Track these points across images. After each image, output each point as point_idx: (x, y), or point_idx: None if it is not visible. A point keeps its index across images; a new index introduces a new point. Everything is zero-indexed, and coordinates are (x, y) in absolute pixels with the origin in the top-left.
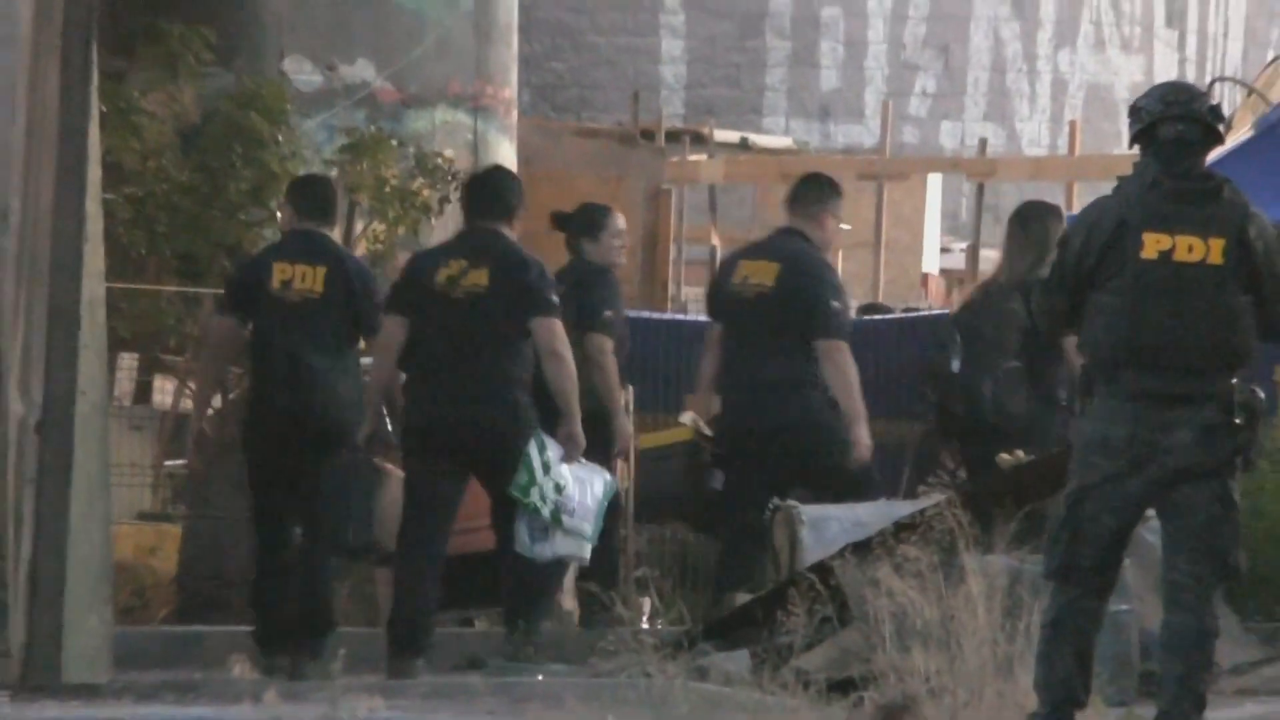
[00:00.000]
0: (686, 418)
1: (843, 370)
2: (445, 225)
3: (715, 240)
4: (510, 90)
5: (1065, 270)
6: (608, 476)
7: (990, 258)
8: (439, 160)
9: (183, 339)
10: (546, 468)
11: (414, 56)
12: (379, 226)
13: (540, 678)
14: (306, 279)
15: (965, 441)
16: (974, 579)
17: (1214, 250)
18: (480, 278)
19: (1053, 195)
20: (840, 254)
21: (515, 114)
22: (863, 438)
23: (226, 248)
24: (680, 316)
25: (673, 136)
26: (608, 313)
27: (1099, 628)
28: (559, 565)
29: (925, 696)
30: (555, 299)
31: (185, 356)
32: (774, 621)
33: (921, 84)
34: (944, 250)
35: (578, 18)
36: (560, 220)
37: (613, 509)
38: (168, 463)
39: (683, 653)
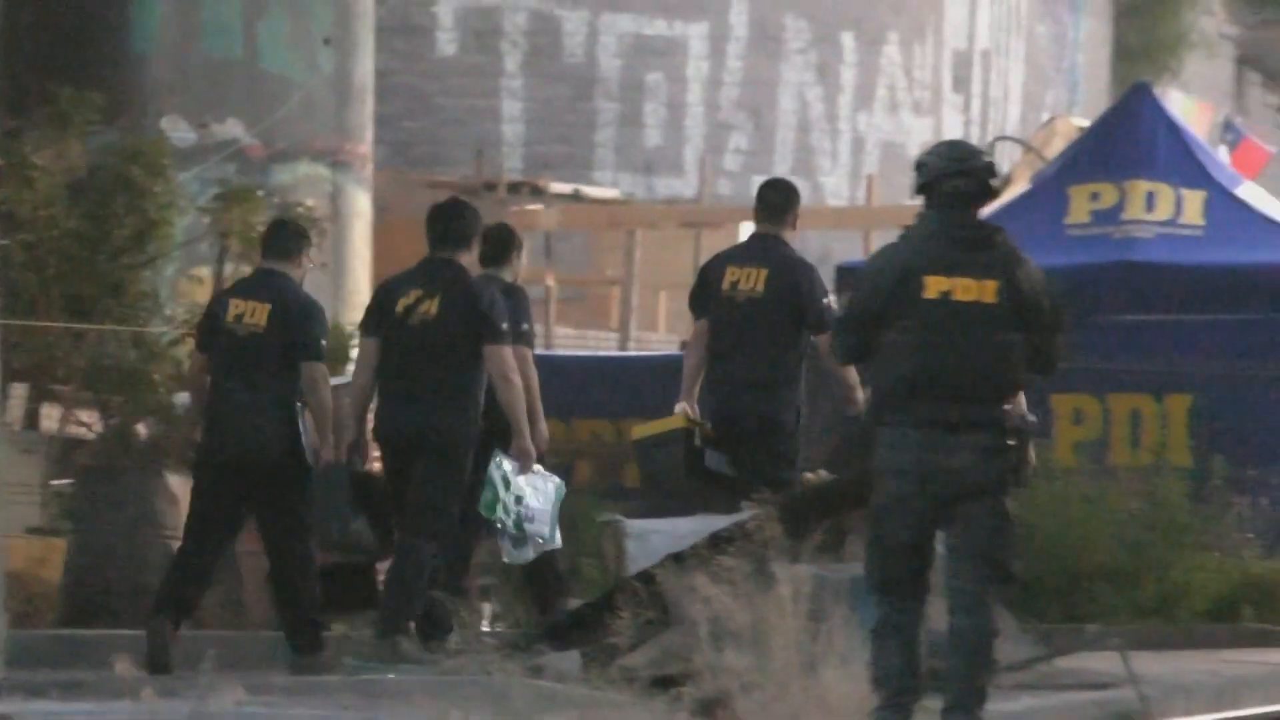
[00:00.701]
0: (679, 408)
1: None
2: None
3: (550, 281)
4: (366, 146)
5: (857, 311)
6: (557, 480)
7: None
8: (301, 209)
9: (70, 370)
10: (506, 483)
11: (279, 116)
12: (246, 269)
13: (391, 676)
14: (255, 314)
15: None
16: (783, 586)
17: (988, 291)
18: (431, 307)
19: (852, 242)
20: (663, 294)
21: (371, 168)
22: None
23: (110, 287)
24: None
25: (513, 188)
26: (525, 325)
27: (921, 626)
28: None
29: (738, 692)
30: (505, 327)
31: (70, 386)
32: (603, 624)
33: (735, 142)
34: None
35: (428, 81)
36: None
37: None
38: (54, 482)
39: (520, 653)
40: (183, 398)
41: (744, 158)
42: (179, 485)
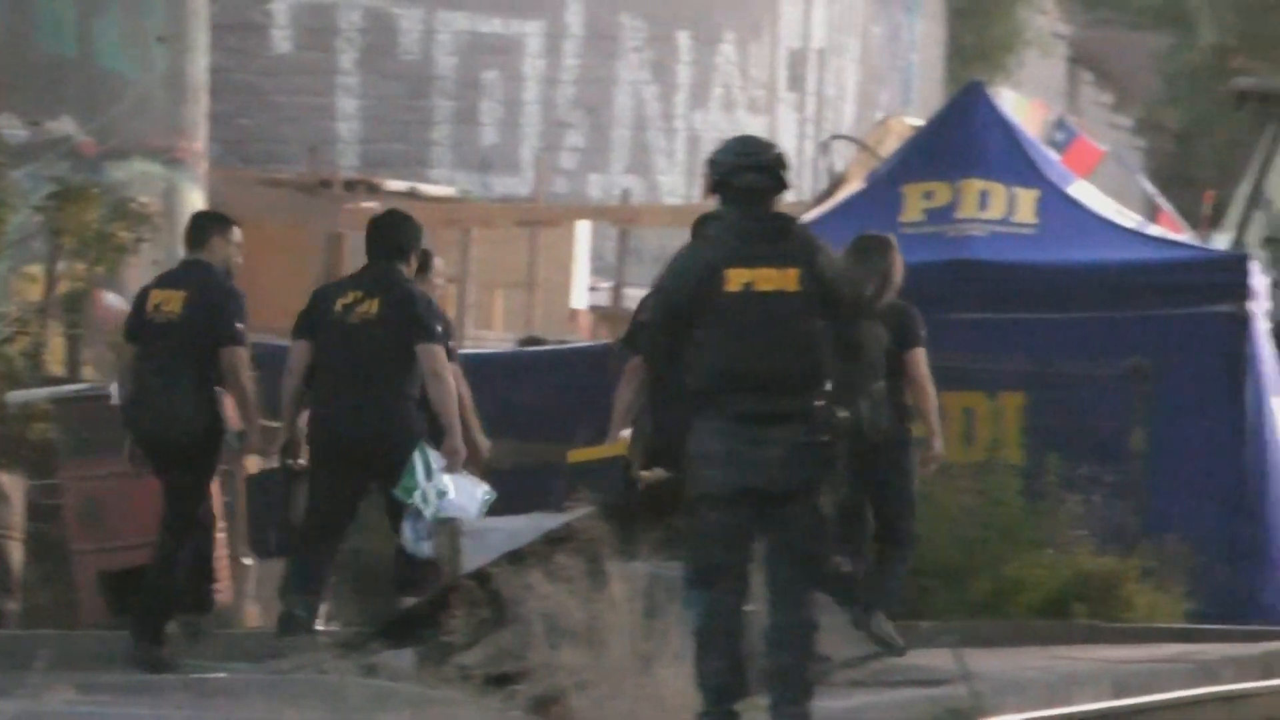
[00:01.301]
0: (625, 433)
1: None
2: (141, 264)
3: None
4: (201, 144)
5: (665, 313)
6: (486, 486)
7: (633, 295)
8: (135, 206)
9: None
10: (429, 474)
11: (114, 113)
12: (80, 266)
13: (224, 675)
14: (171, 303)
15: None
16: (617, 584)
17: (790, 280)
18: (372, 307)
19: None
20: (499, 293)
21: (205, 165)
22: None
23: None
24: None
25: (348, 186)
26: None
27: (743, 626)
28: (430, 564)
29: (573, 690)
30: (438, 328)
31: None
32: (437, 623)
33: (571, 140)
34: (592, 289)
35: (263, 79)
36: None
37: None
38: None
39: (355, 651)
40: (115, 388)
41: (580, 156)
42: (11, 484)
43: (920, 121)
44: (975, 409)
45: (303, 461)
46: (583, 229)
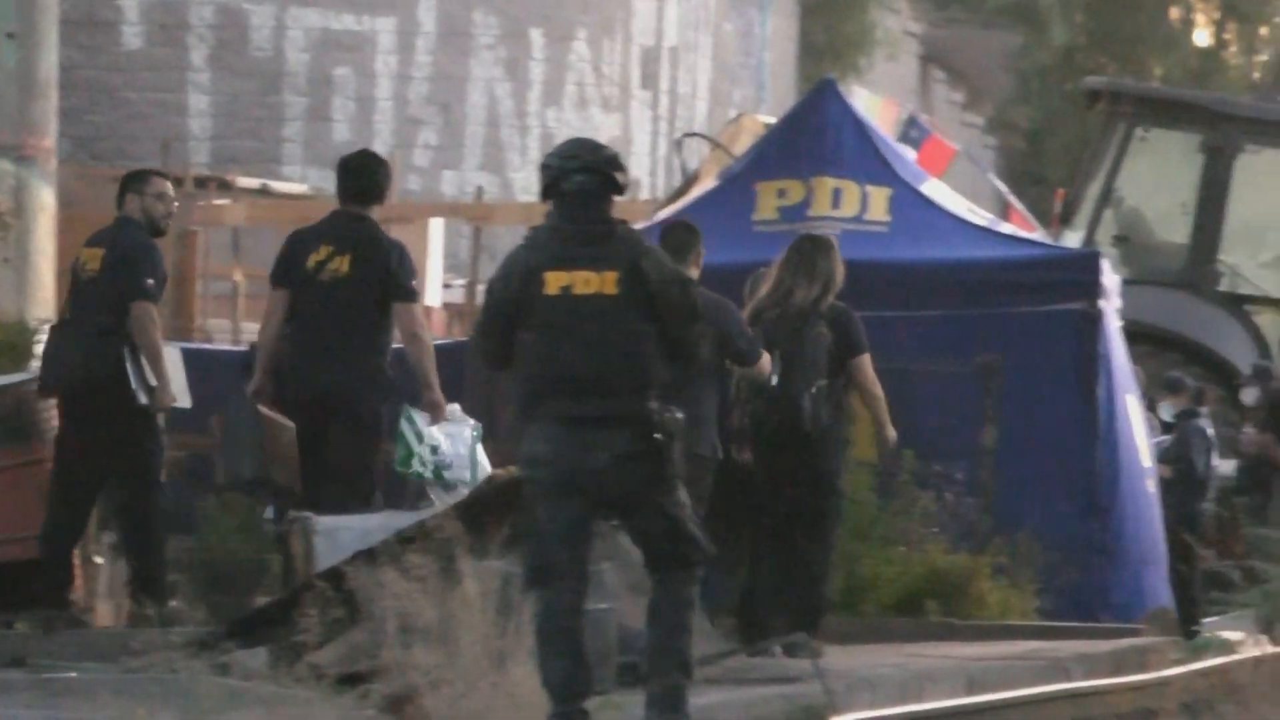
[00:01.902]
0: None
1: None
2: None
3: (238, 277)
4: (50, 140)
5: (490, 316)
6: (473, 422)
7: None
8: None
9: None
10: (419, 436)
11: None
12: None
13: (74, 675)
14: (93, 260)
15: (779, 450)
16: (470, 582)
17: (608, 283)
18: (343, 264)
19: None
20: None
21: (55, 162)
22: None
23: None
24: (206, 345)
25: (200, 183)
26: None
27: (582, 624)
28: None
29: (427, 688)
30: (414, 285)
31: None
32: (290, 621)
33: (425, 137)
34: (446, 286)
35: (113, 75)
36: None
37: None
38: None
39: (207, 650)
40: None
41: (433, 153)
42: None
43: (773, 119)
44: None
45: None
46: (436, 226)
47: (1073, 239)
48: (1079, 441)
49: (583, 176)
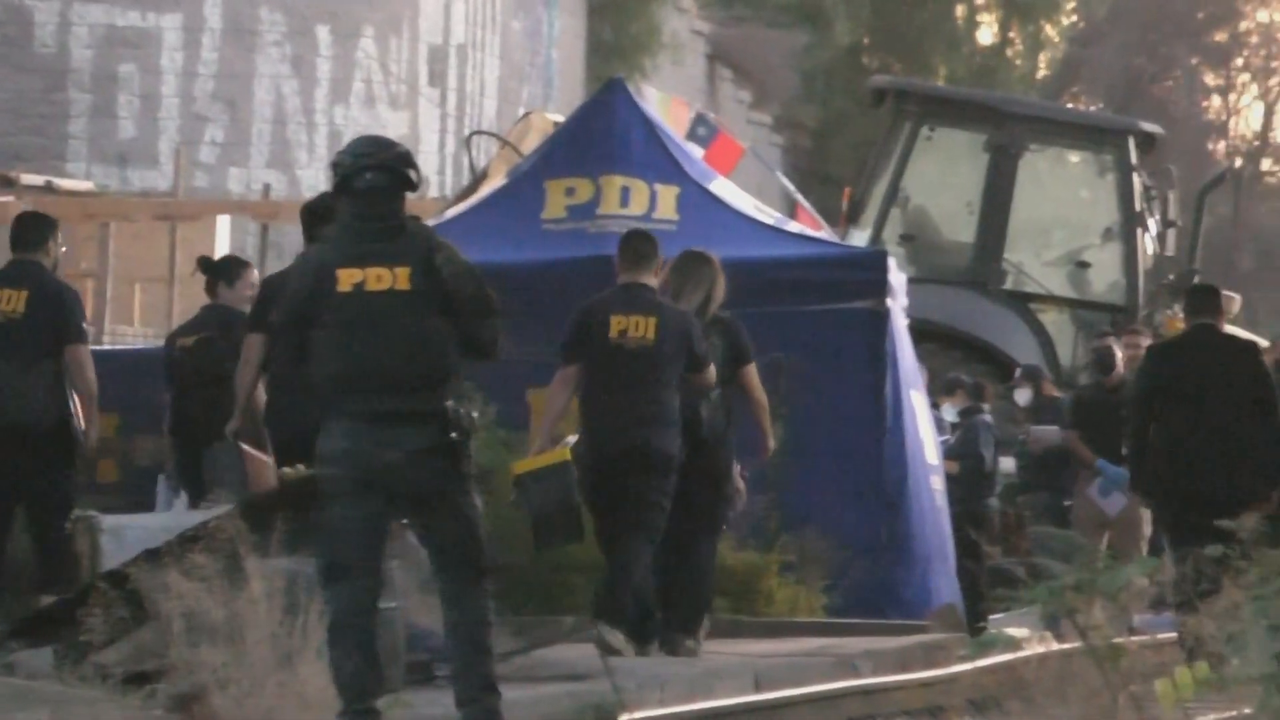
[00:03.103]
0: (570, 439)
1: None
2: None
3: None
4: None
5: (285, 315)
6: None
7: None
8: None
9: None
10: None
11: None
12: None
13: None
14: (14, 301)
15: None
16: (255, 582)
17: (401, 278)
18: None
19: None
20: (137, 287)
21: None
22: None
23: None
24: None
25: None
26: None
27: (374, 623)
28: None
29: (214, 687)
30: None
31: None
32: (76, 621)
33: (211, 134)
34: None
35: None
36: (205, 266)
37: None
38: None
39: None
40: None
41: (219, 150)
42: None
43: (562, 117)
44: None
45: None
46: (223, 223)
47: (859, 238)
48: (867, 439)
49: (374, 174)
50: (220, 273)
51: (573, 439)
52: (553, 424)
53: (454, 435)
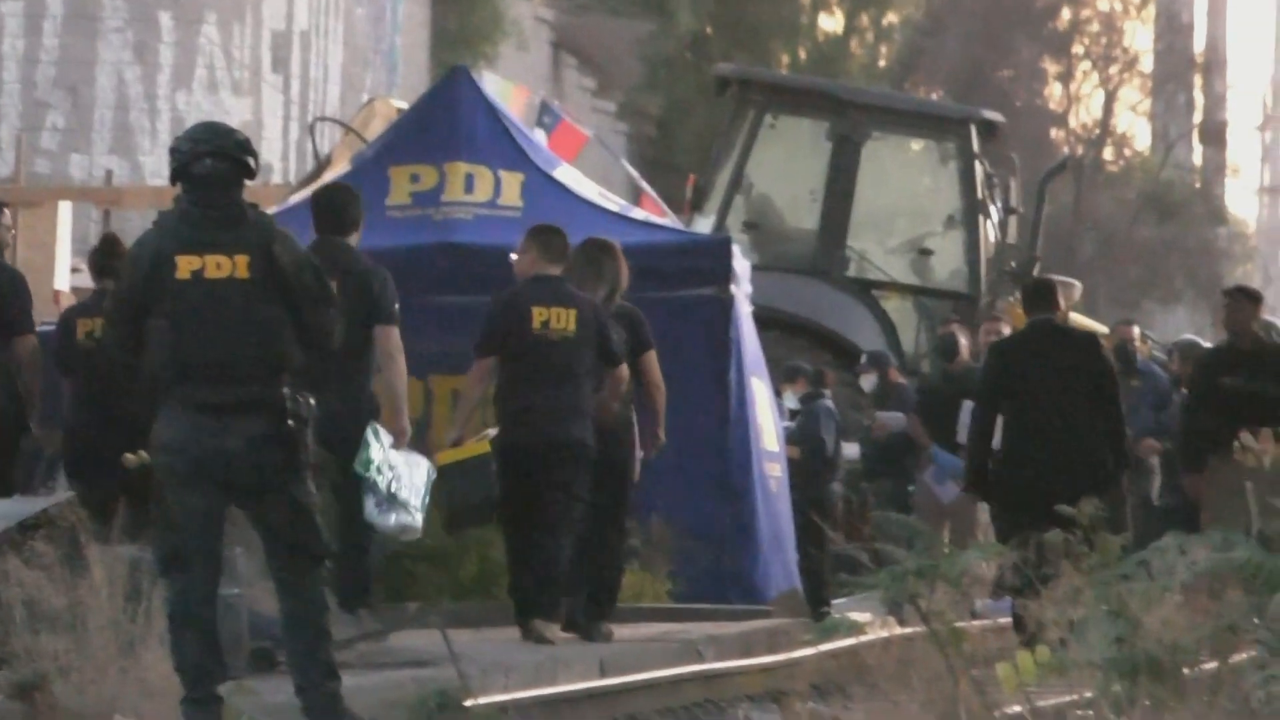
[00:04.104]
0: (491, 432)
1: (622, 383)
2: None
3: None
4: None
5: (120, 302)
6: (429, 463)
7: None
8: None
9: None
10: (383, 448)
11: None
12: None
13: None
14: None
15: None
16: (97, 569)
17: (240, 266)
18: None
19: None
20: None
21: None
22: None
23: None
24: None
25: None
26: None
27: (215, 610)
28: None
29: (55, 675)
30: (396, 308)
31: None
32: None
33: (52, 120)
34: (74, 270)
35: None
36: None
37: None
38: None
39: None
40: None
41: (61, 136)
42: None
43: (406, 104)
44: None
45: None
46: (65, 210)
47: (704, 225)
48: (711, 426)
49: (213, 160)
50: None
51: (493, 432)
52: (469, 415)
53: (291, 423)
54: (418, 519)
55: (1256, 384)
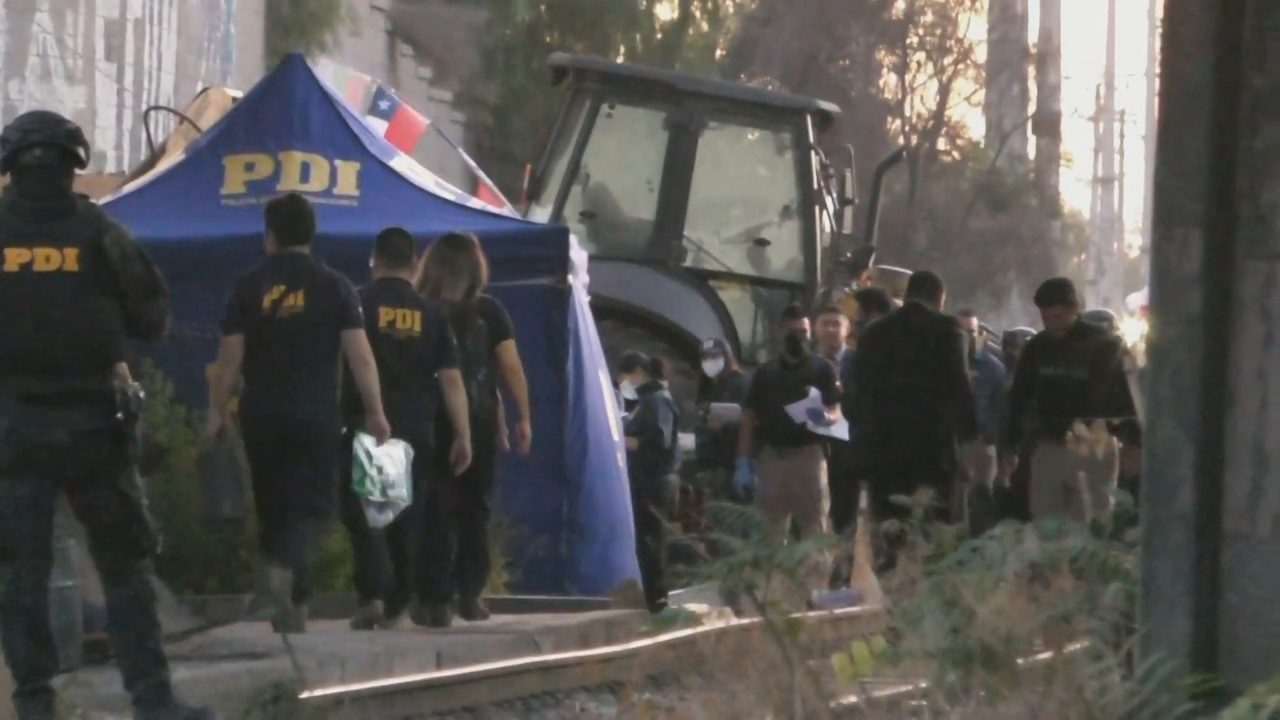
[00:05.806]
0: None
1: (461, 392)
2: None
3: None
4: None
5: None
6: (405, 444)
7: None
8: None
9: None
10: (370, 458)
11: None
12: None
13: None
14: None
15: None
16: None
17: (69, 259)
18: (298, 300)
19: None
20: None
21: None
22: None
23: None
24: None
25: None
26: None
27: (46, 601)
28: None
29: None
30: (361, 313)
31: None
32: None
33: None
34: None
35: None
36: None
37: None
38: None
39: None
40: None
41: None
42: None
43: (241, 93)
44: None
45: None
46: None
47: (541, 215)
48: (549, 416)
49: (41, 150)
50: None
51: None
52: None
53: (120, 416)
54: (408, 499)
55: (1072, 371)
